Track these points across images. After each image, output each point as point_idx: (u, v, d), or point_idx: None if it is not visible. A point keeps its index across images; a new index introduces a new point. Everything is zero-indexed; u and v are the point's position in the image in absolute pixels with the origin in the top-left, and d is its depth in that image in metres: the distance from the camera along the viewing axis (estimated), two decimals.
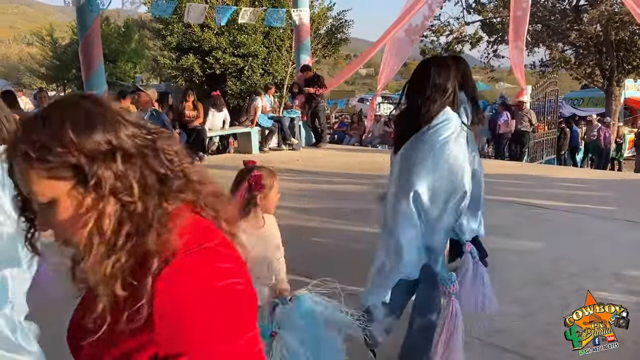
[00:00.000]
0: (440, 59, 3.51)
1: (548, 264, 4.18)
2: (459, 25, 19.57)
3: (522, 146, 12.58)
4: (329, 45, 19.87)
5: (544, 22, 18.14)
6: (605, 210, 5.79)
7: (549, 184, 7.45)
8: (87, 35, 8.28)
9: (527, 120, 12.34)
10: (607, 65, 17.32)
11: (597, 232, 5.07)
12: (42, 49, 34.18)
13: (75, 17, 8.70)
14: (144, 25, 29.03)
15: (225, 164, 9.67)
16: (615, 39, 16.41)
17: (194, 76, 17.85)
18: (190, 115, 9.88)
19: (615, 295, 3.59)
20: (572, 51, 18.85)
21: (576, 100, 24.48)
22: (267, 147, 11.16)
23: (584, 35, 16.96)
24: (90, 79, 8.47)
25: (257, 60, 17.41)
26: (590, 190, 7.01)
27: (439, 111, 2.33)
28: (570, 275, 3.93)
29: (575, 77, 20.06)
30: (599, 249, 4.54)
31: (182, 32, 17.35)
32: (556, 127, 14.61)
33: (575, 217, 5.59)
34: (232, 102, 17.64)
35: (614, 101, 17.57)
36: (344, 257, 3.74)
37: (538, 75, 20.66)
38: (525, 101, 12.43)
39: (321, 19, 18.82)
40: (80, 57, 8.57)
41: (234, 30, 16.96)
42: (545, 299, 3.38)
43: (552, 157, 14.27)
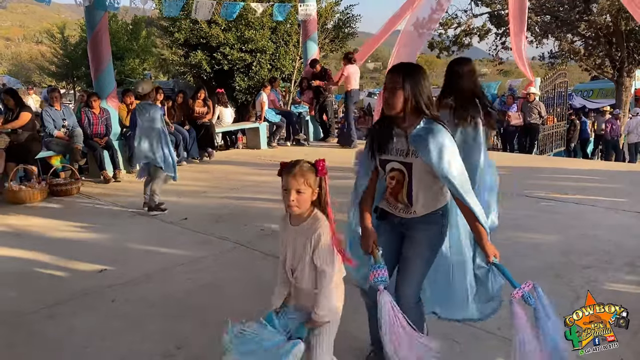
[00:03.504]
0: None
1: (559, 256, 4.17)
2: (466, 17, 19.47)
3: (531, 139, 12.51)
4: (337, 39, 19.83)
5: (552, 13, 17.98)
6: (616, 202, 5.76)
7: (558, 176, 7.41)
8: (95, 33, 8.32)
9: (537, 113, 12.26)
10: (617, 56, 17.14)
11: (608, 224, 5.04)
12: (52, 47, 34.37)
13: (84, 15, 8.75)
14: (152, 22, 29.07)
15: (234, 160, 9.72)
16: (626, 29, 16.23)
17: (202, 72, 17.89)
18: (199, 112, 9.92)
19: (627, 287, 3.58)
20: (582, 42, 18.66)
21: (586, 91, 24.29)
22: (275, 143, 11.17)
23: (594, 26, 16.79)
24: (99, 77, 8.52)
25: (264, 55, 17.42)
26: (600, 182, 6.97)
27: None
28: (581, 268, 3.92)
29: (585, 69, 19.88)
30: (610, 241, 4.52)
31: (189, 28, 17.39)
32: (566, 119, 14.51)
33: (586, 209, 5.57)
34: (240, 98, 17.68)
35: (624, 92, 17.40)
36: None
37: (547, 67, 20.51)
38: (535, 93, 12.34)
39: (328, 14, 18.78)
40: (89, 55, 8.61)
41: (242, 26, 16.97)
42: (556, 291, 3.37)
43: (562, 149, 14.18)
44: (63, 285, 3.97)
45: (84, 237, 5.24)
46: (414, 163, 2.37)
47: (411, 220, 2.48)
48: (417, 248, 2.47)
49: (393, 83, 2.36)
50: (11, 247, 4.93)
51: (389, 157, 2.44)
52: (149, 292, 3.80)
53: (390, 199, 2.51)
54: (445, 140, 2.32)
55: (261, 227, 5.20)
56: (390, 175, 2.46)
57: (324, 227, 2.06)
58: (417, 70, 2.40)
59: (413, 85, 2.33)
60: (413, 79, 2.34)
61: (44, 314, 3.47)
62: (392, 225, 2.55)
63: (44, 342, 3.11)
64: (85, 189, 7.39)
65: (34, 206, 6.55)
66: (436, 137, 2.30)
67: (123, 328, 3.24)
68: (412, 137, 2.35)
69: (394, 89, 2.35)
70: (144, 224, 5.63)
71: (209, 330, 3.09)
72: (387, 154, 2.44)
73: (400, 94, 2.33)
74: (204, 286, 3.87)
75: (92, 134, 8.09)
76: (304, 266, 2.09)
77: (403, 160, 2.39)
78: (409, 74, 2.36)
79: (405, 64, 2.50)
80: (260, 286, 3.59)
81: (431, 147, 2.29)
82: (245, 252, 4.61)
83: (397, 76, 2.36)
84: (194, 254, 4.57)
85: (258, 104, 10.90)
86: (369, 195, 2.57)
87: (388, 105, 2.38)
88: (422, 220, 2.46)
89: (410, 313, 2.40)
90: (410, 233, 2.50)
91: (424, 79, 2.38)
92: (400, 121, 2.40)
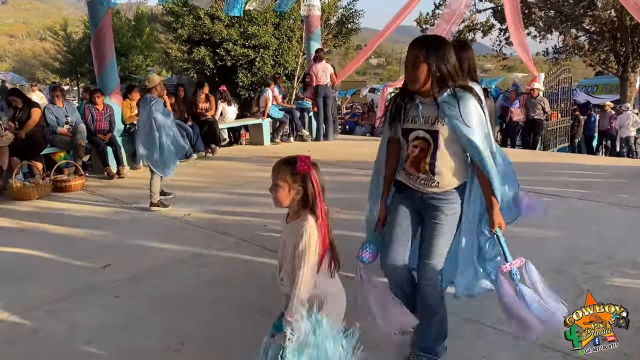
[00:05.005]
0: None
1: (562, 252, 4.16)
2: (470, 13, 19.38)
3: (535, 134, 12.46)
4: (340, 35, 19.77)
5: (557, 8, 17.90)
6: (620, 198, 5.74)
7: (562, 171, 7.39)
8: (98, 30, 8.32)
9: (541, 108, 12.22)
10: (622, 51, 17.06)
11: (612, 219, 5.03)
12: (55, 44, 34.43)
13: (87, 11, 8.75)
14: (155, 19, 29.09)
15: (237, 156, 9.73)
16: (630, 25, 16.13)
17: (205, 68, 17.87)
18: (203, 108, 9.93)
19: (631, 283, 3.57)
20: (586, 37, 18.58)
21: (590, 87, 24.18)
22: (278, 139, 11.18)
23: (598, 21, 16.71)
24: (102, 73, 8.52)
25: (268, 51, 17.38)
26: (604, 177, 6.95)
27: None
28: (584, 264, 3.91)
29: (589, 64, 19.80)
30: (613, 236, 4.51)
31: (192, 24, 17.36)
32: (570, 114, 14.46)
33: (590, 205, 5.56)
34: (243, 94, 17.66)
35: (628, 87, 17.31)
36: (357, 248, 3.75)
37: (551, 63, 20.43)
38: (538, 88, 12.28)
39: (331, 9, 18.72)
40: (92, 51, 8.61)
41: (245, 22, 16.93)
42: (559, 287, 3.36)
43: (566, 145, 14.13)
44: (66, 280, 3.98)
45: (88, 233, 5.26)
46: (440, 130, 2.35)
47: (431, 197, 2.46)
48: (438, 228, 2.46)
49: (414, 57, 2.33)
50: (15, 243, 4.94)
51: (414, 125, 2.41)
52: (153, 288, 3.81)
53: (411, 169, 2.47)
54: (473, 108, 2.32)
55: (264, 223, 5.20)
56: (414, 144, 2.42)
57: (308, 227, 1.96)
58: (438, 41, 2.37)
59: (435, 57, 2.30)
60: (435, 50, 2.31)
61: (47, 309, 3.49)
62: (411, 201, 2.53)
63: (47, 338, 3.12)
64: (89, 185, 7.41)
65: (38, 202, 6.57)
66: (465, 104, 2.30)
67: (126, 324, 3.25)
68: (441, 104, 2.33)
69: (416, 63, 2.32)
70: (148, 220, 5.64)
71: (212, 326, 3.10)
72: (411, 123, 2.42)
73: (423, 67, 2.30)
74: (208, 282, 3.88)
75: (96, 130, 8.10)
76: (288, 267, 2.03)
77: (429, 128, 2.37)
78: (430, 46, 2.32)
79: (426, 36, 2.46)
80: (263, 282, 3.60)
81: (459, 112, 2.29)
82: (248, 247, 4.61)
83: (418, 50, 2.32)
84: (197, 249, 4.58)
85: (263, 100, 10.91)
86: (390, 167, 2.61)
87: (412, 80, 2.36)
88: (442, 198, 2.45)
89: (433, 292, 2.50)
90: (430, 212, 2.48)
91: (446, 49, 2.34)
92: (426, 92, 2.37)
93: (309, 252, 1.94)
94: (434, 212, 2.46)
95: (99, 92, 8.25)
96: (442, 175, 2.41)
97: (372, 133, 15.45)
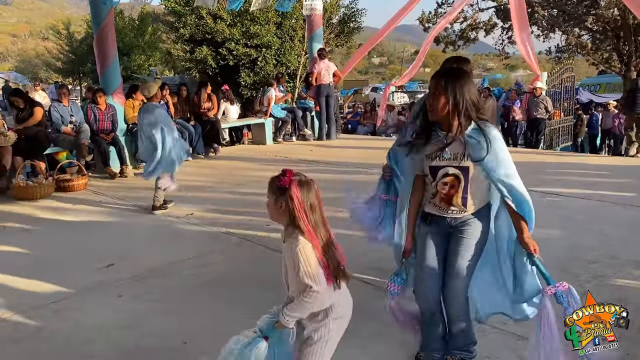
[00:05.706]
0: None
1: (565, 251, 4.15)
2: (472, 11, 19.35)
3: (537, 133, 12.44)
4: (342, 34, 19.77)
5: (559, 7, 17.84)
6: (623, 197, 5.73)
7: (565, 171, 7.38)
8: (101, 29, 8.32)
9: (543, 107, 12.20)
10: (625, 50, 16.99)
11: (615, 219, 5.02)
12: (58, 43, 34.47)
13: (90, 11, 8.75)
14: (158, 18, 29.10)
15: (239, 155, 9.73)
16: (634, 23, 16.07)
17: (207, 68, 17.89)
18: (205, 107, 9.93)
19: (633, 282, 3.57)
20: (589, 36, 18.52)
21: (593, 86, 24.13)
22: (280, 138, 11.18)
23: (601, 20, 16.65)
24: (105, 73, 8.52)
25: (270, 51, 17.39)
26: (607, 177, 6.94)
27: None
28: (588, 263, 3.91)
29: (592, 63, 19.73)
30: (616, 236, 4.50)
31: (195, 24, 17.38)
32: (572, 113, 14.42)
33: (593, 204, 5.55)
34: (246, 94, 17.68)
35: None
36: (359, 247, 3.75)
37: (554, 62, 20.37)
38: (541, 87, 12.26)
39: (333, 8, 18.73)
40: (95, 51, 8.61)
41: (247, 22, 16.95)
42: None
43: (569, 144, 14.10)
44: (70, 280, 3.99)
45: (91, 232, 5.27)
46: (470, 167, 2.39)
47: (462, 218, 2.50)
48: (466, 242, 2.48)
49: (436, 88, 2.39)
50: (18, 243, 4.96)
51: (442, 162, 2.44)
52: (156, 288, 3.82)
53: (442, 204, 2.50)
54: (497, 140, 2.37)
55: (267, 223, 5.20)
56: (443, 181, 2.46)
57: (301, 251, 1.90)
58: (460, 75, 2.42)
59: (456, 89, 2.35)
60: (456, 83, 2.36)
61: (50, 308, 3.50)
62: (440, 228, 2.56)
63: (51, 337, 3.13)
64: (92, 185, 7.42)
65: (41, 202, 6.58)
66: (489, 138, 2.34)
67: (129, 323, 3.26)
68: (467, 139, 2.37)
69: (436, 94, 2.38)
70: (150, 220, 5.65)
71: (215, 326, 3.11)
72: (439, 160, 2.45)
73: (442, 98, 2.35)
74: (210, 281, 3.89)
75: (98, 130, 8.11)
76: (294, 289, 2.00)
77: (459, 164, 2.41)
78: (451, 79, 2.38)
79: (449, 69, 2.56)
80: (265, 282, 3.60)
81: (487, 148, 2.33)
82: (251, 247, 4.62)
83: (439, 81, 2.39)
84: (200, 249, 4.59)
85: (266, 99, 10.92)
86: (415, 202, 2.66)
87: (431, 110, 2.41)
88: (470, 217, 2.50)
89: (460, 309, 2.53)
90: (458, 228, 2.51)
91: (467, 82, 2.39)
92: (446, 127, 2.42)
93: (311, 274, 1.91)
94: (462, 227, 2.51)
95: (101, 91, 8.25)
96: (474, 204, 2.48)
97: (374, 132, 15.43)
